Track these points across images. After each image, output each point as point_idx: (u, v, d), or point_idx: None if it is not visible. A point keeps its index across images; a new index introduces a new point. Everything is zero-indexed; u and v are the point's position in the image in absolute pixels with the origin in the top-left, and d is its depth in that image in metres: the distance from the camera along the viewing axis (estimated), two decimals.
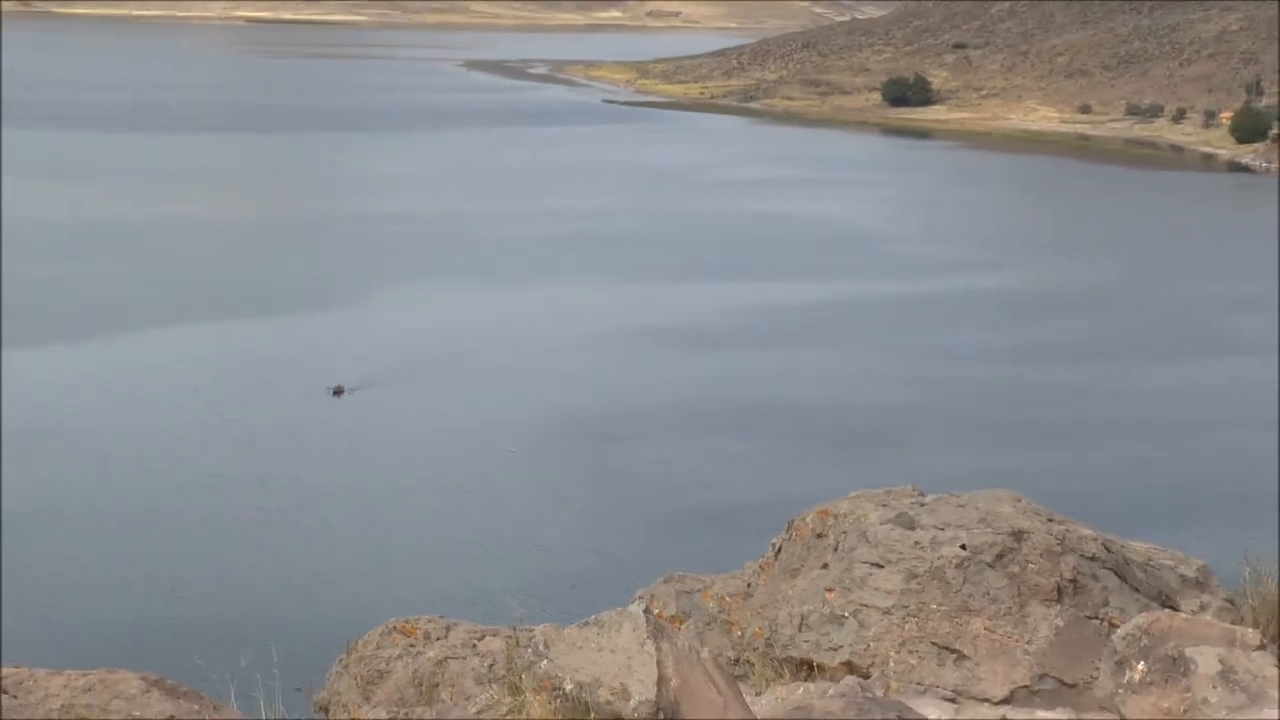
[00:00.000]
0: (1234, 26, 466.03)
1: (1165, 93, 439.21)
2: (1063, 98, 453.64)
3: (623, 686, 15.04)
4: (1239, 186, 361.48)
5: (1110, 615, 18.41)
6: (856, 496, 20.53)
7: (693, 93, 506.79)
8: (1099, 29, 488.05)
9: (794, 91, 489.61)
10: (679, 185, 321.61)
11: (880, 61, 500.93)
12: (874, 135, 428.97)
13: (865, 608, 18.97)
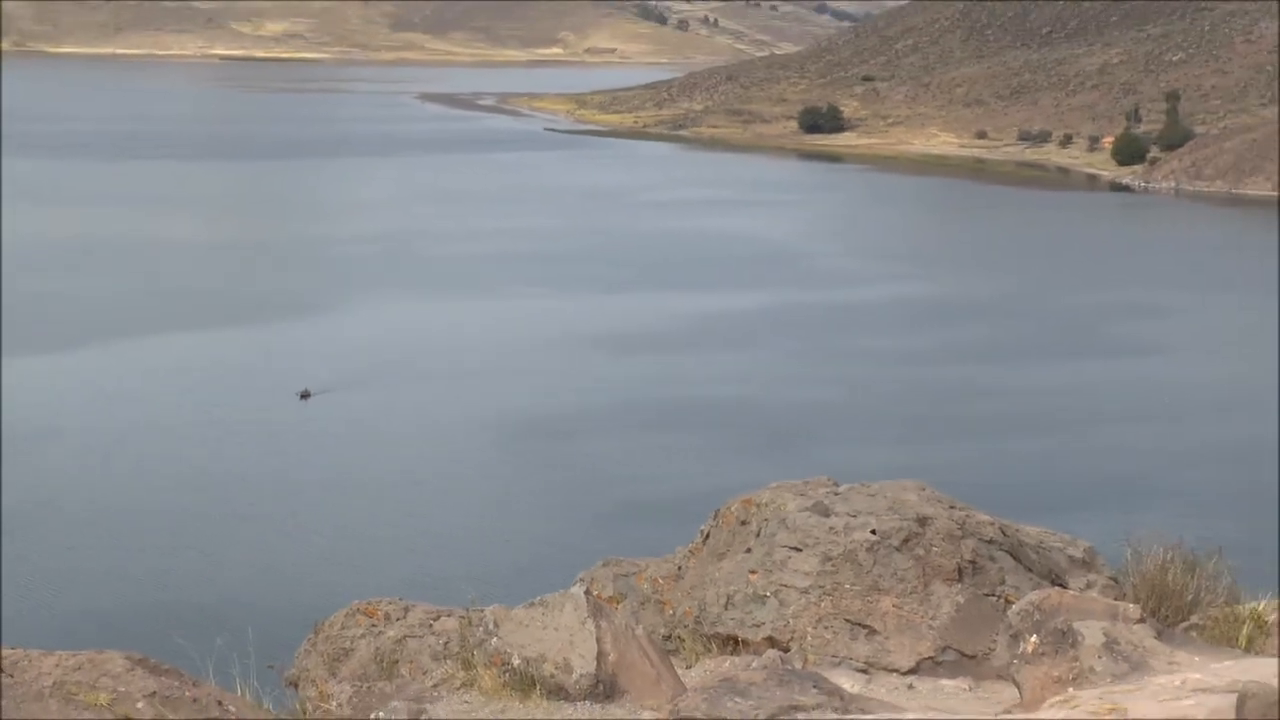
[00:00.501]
0: (1114, 60, 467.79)
1: (1053, 120, 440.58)
2: (961, 125, 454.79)
3: (565, 661, 15.06)
4: (1121, 205, 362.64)
5: (1006, 593, 18.46)
6: (777, 487, 20.54)
7: (627, 122, 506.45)
8: (993, 63, 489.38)
9: (719, 120, 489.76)
10: (615, 205, 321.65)
11: (796, 92, 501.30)
12: (791, 159, 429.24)
13: (785, 588, 18.98)
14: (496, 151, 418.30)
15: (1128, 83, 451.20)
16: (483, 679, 15.24)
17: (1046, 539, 20.42)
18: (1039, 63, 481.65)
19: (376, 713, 14.66)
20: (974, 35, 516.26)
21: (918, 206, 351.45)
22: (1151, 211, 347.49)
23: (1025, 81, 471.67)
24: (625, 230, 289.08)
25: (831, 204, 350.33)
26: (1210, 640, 17.21)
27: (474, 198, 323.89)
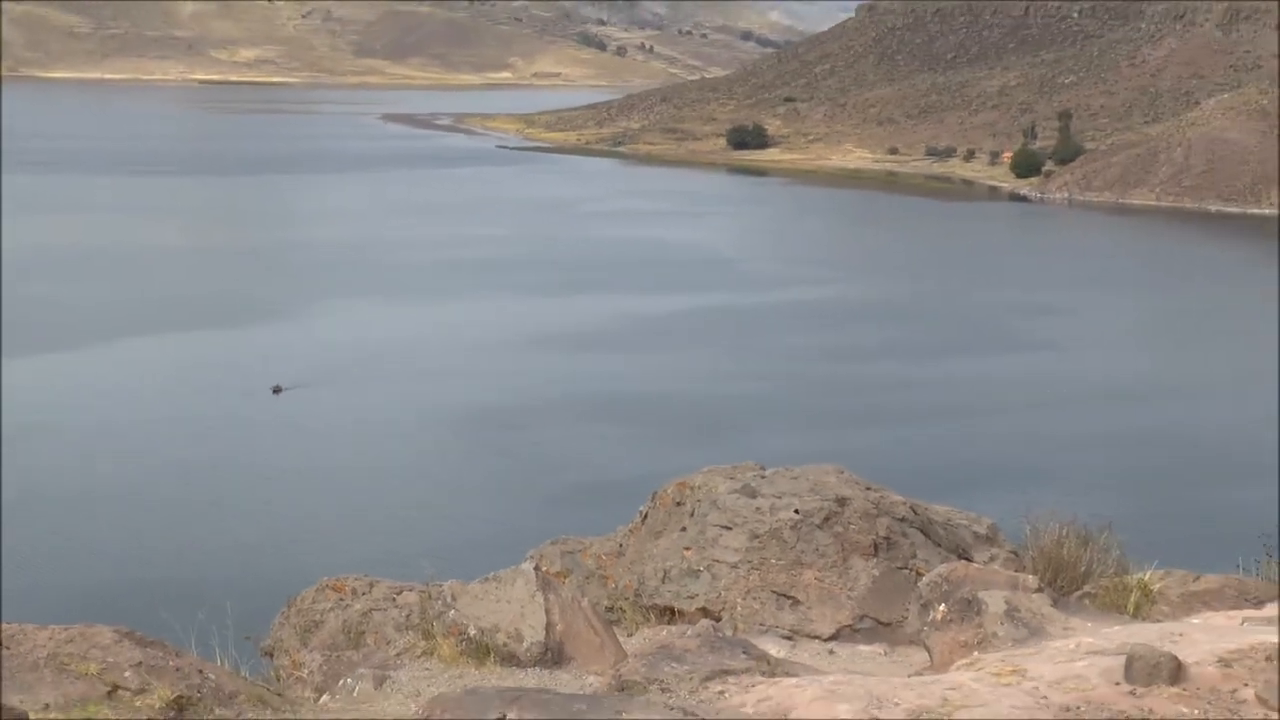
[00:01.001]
0: (1013, 83, 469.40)
1: (958, 137, 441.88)
2: (874, 141, 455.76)
3: (517, 631, 15.05)
4: (1019, 213, 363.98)
5: (917, 566, 18.52)
6: (708, 471, 20.58)
7: (571, 139, 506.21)
8: (903, 85, 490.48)
9: (654, 138, 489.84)
10: (561, 216, 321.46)
11: (725, 112, 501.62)
12: (721, 174, 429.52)
13: (716, 563, 19.01)
14: (453, 167, 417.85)
15: (1024, 103, 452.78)
16: (441, 648, 15.22)
17: (953, 517, 20.49)
18: (944, 85, 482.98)
19: (345, 679, 14.63)
20: (885, 60, 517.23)
21: (836, 216, 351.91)
22: (1046, 220, 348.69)
23: (932, 102, 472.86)
24: (570, 238, 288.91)
25: (757, 214, 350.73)
26: (1101, 607, 17.32)
27: (432, 209, 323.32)
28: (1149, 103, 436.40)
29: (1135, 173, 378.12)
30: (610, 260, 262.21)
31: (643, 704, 12.50)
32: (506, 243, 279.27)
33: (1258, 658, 13.16)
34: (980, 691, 12.69)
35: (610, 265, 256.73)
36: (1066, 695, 12.54)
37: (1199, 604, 17.66)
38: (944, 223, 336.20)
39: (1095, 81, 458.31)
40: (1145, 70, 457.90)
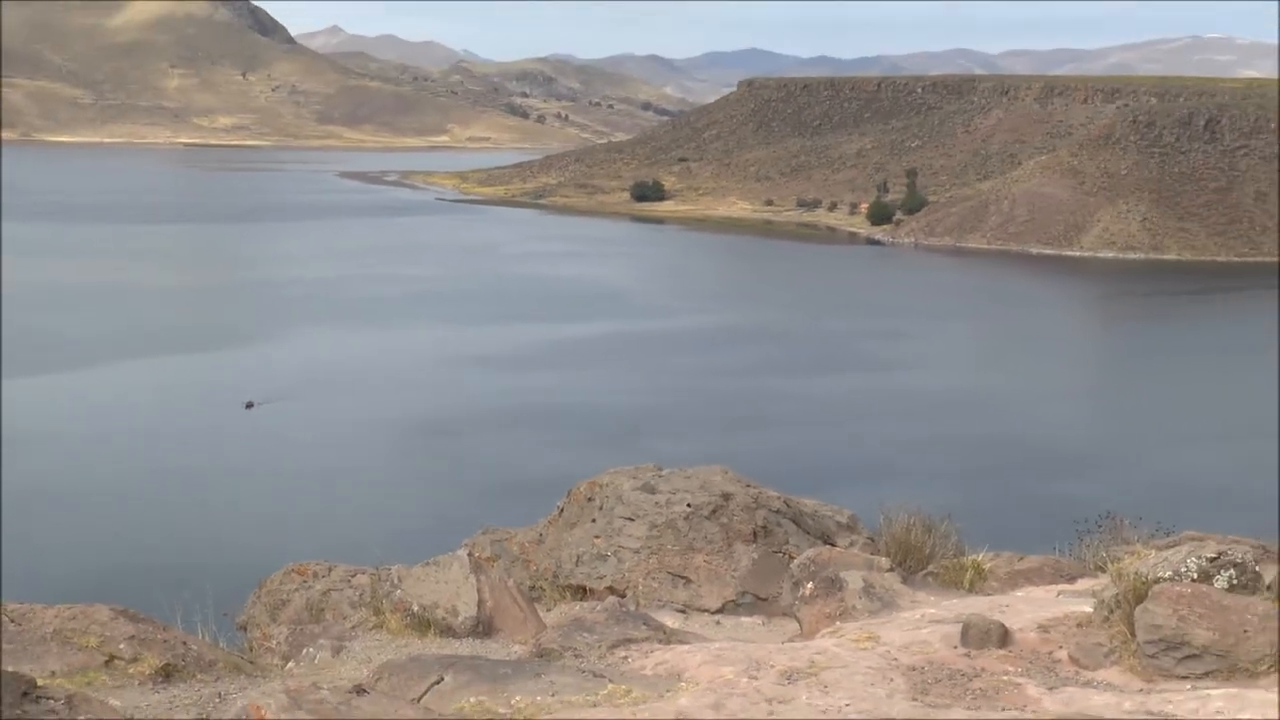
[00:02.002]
0: (868, 146, 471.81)
1: (823, 191, 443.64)
2: (754, 194, 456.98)
3: (453, 607, 15.01)
4: (873, 255, 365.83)
5: (789, 550, 18.56)
6: (615, 472, 20.58)
7: (499, 193, 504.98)
8: (777, 148, 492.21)
9: (569, 192, 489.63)
10: (490, 257, 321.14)
11: (629, 170, 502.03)
12: (625, 222, 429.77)
13: (622, 549, 19.00)
14: (399, 216, 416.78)
15: (878, 163, 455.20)
16: (389, 622, 15.18)
17: (820, 509, 20.54)
18: (812, 148, 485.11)
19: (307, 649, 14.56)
20: (762, 127, 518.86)
21: (721, 257, 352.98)
22: (896, 260, 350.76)
23: (801, 162, 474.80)
24: (497, 276, 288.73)
25: (656, 255, 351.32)
26: (942, 584, 17.38)
27: (382, 251, 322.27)
28: (980, 163, 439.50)
29: (970, 221, 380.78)
30: (531, 294, 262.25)
31: (559, 668, 12.49)
32: (444, 280, 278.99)
33: (1070, 624, 13.25)
34: (841, 655, 12.72)
35: (531, 298, 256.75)
36: (913, 657, 12.59)
37: (1023, 580, 17.75)
38: (811, 262, 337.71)
39: (936, 145, 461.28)
40: (977, 136, 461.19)
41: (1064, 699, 11.59)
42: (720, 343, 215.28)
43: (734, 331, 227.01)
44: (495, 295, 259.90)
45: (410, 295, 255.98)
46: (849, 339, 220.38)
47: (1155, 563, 13.22)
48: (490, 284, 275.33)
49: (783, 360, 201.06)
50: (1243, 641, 11.81)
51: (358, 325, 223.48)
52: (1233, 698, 11.15)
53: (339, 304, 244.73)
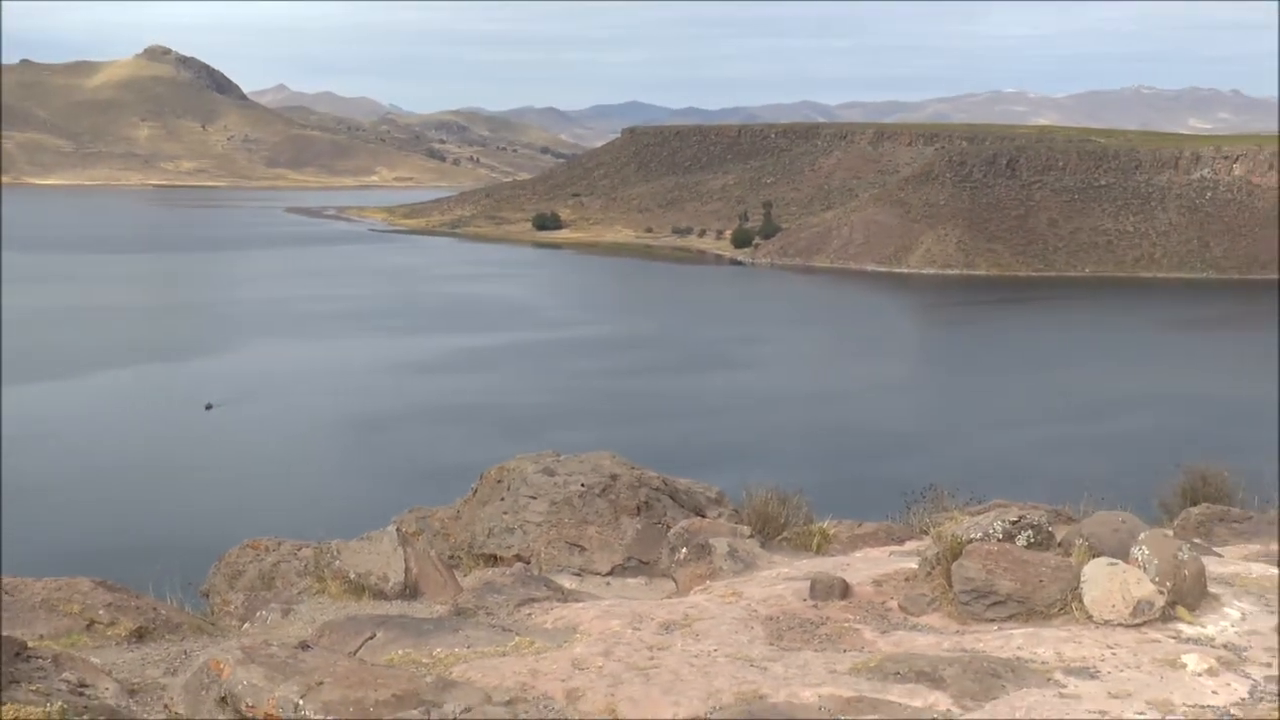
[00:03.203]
0: (731, 182, 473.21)
1: (694, 220, 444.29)
2: (636, 223, 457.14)
3: (385, 574, 14.92)
4: (737, 274, 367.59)
5: (667, 521, 18.57)
6: (520, 458, 20.53)
7: (422, 224, 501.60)
8: (655, 184, 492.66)
9: (481, 223, 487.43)
10: (415, 278, 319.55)
11: (531, 203, 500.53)
12: (528, 248, 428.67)
13: (526, 523, 18.95)
14: (337, 245, 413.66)
15: (739, 196, 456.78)
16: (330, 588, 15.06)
17: (693, 487, 20.58)
18: (684, 184, 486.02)
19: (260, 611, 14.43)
20: (642, 167, 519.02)
21: (610, 276, 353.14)
22: (755, 278, 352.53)
23: (676, 196, 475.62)
24: (421, 293, 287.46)
25: (555, 275, 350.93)
26: (795, 547, 17.48)
27: (322, 274, 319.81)
28: (824, 196, 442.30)
29: (816, 244, 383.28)
30: (450, 309, 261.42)
31: (473, 624, 12.47)
32: (376, 298, 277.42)
33: (900, 579, 13.36)
34: (710, 608, 12.76)
35: (450, 313, 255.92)
36: (770, 609, 12.65)
37: (861, 543, 17.89)
38: (684, 280, 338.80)
39: (787, 181, 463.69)
40: (821, 174, 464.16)
41: (894, 640, 11.71)
42: (609, 348, 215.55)
43: (620, 339, 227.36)
44: (419, 311, 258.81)
45: (347, 311, 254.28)
46: (716, 344, 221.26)
47: (968, 526, 13.37)
48: (415, 301, 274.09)
49: (662, 362, 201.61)
50: (1039, 589, 11.99)
51: (303, 337, 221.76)
52: (1030, 635, 11.32)
53: (287, 319, 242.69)
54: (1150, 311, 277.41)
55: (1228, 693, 10.10)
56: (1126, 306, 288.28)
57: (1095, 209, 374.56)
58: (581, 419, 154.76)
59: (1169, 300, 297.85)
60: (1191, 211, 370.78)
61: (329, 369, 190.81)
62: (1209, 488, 21.36)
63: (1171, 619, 11.72)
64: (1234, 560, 14.93)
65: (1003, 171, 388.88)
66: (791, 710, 9.80)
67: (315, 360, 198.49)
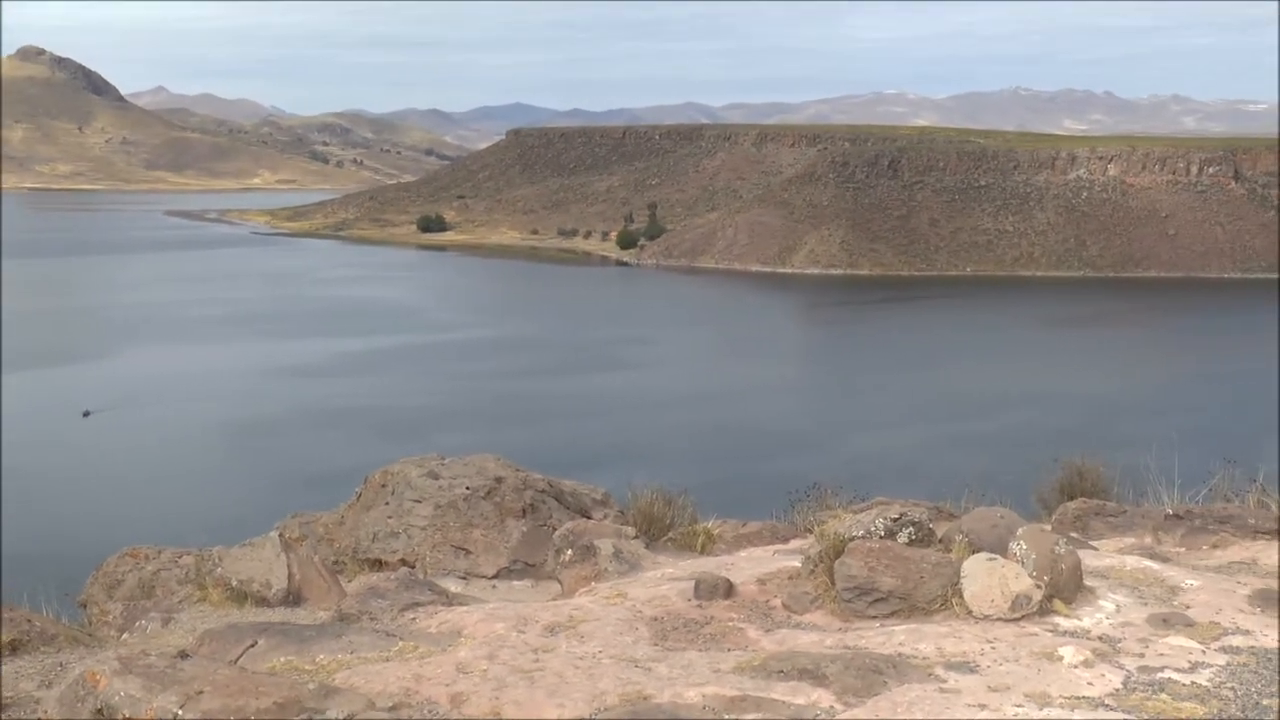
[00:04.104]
0: (616, 184, 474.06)
1: (580, 221, 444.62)
2: (521, 225, 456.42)
3: (267, 581, 14.81)
4: (622, 275, 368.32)
5: (553, 523, 18.55)
6: (404, 461, 20.40)
7: (305, 227, 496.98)
8: (540, 186, 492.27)
9: (365, 225, 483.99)
10: (298, 282, 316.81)
11: (415, 206, 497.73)
12: (413, 250, 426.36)
13: (411, 526, 18.85)
14: (219, 248, 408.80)
15: (624, 198, 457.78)
16: (212, 596, 14.92)
17: (578, 488, 20.57)
18: (570, 185, 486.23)
19: (139, 621, 14.24)
20: (527, 169, 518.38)
21: (495, 278, 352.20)
22: (641, 279, 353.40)
23: (561, 197, 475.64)
24: (304, 297, 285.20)
25: (439, 278, 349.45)
26: (679, 548, 17.53)
27: (204, 278, 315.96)
28: (709, 197, 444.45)
29: (701, 245, 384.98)
30: (334, 312, 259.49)
31: (357, 629, 12.39)
32: (259, 301, 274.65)
33: (783, 577, 13.45)
34: (595, 610, 12.77)
35: (334, 316, 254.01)
36: (655, 609, 12.68)
37: (745, 542, 17.97)
38: (570, 282, 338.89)
39: (672, 183, 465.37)
40: (705, 175, 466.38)
41: (778, 639, 11.79)
42: (494, 350, 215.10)
43: (505, 341, 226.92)
44: (303, 314, 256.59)
45: (230, 316, 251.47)
46: (602, 345, 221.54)
47: (851, 524, 13.49)
48: (298, 304, 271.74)
49: (547, 364, 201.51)
50: (920, 586, 12.13)
51: (185, 342, 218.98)
52: (912, 632, 11.45)
53: (168, 324, 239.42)
54: (1029, 309, 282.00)
55: (1102, 683, 10.29)
56: (1006, 305, 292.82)
57: (975, 209, 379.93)
58: (466, 421, 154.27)
59: (1047, 298, 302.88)
60: (1068, 211, 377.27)
61: (211, 374, 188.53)
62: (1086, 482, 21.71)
63: (1049, 612, 11.91)
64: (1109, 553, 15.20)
65: (885, 172, 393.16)
66: (676, 710, 9.84)
67: (197, 365, 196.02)
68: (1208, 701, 9.93)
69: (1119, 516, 18.76)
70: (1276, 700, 9.98)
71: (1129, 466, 22.65)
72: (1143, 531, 17.64)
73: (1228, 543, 16.25)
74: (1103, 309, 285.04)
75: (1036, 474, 23.34)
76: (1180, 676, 10.48)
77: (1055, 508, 19.90)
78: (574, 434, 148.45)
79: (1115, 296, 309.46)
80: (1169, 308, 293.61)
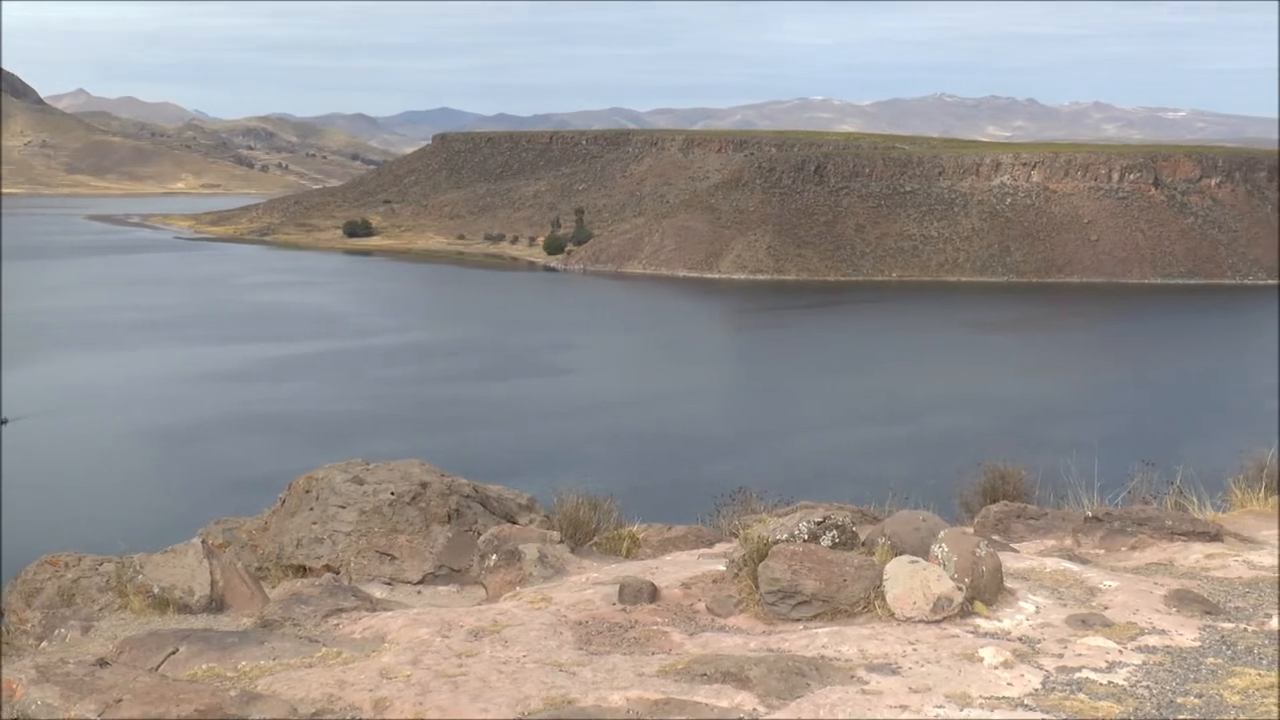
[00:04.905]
0: (543, 189, 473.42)
1: (506, 226, 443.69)
2: (448, 230, 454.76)
3: (190, 588, 14.70)
4: (549, 280, 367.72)
5: (478, 528, 18.53)
6: (329, 467, 20.31)
7: (229, 231, 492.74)
8: (467, 191, 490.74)
9: (290, 230, 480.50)
10: (223, 287, 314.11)
11: (341, 211, 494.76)
12: (339, 255, 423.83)
13: (336, 532, 18.77)
14: (141, 253, 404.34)
15: (551, 203, 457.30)
16: (133, 603, 14.79)
17: (504, 493, 20.55)
18: (496, 190, 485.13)
19: (59, 629, 14.09)
20: (454, 174, 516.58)
21: (420, 283, 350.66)
22: (568, 284, 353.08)
23: (488, 202, 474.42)
24: (229, 302, 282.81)
25: (364, 282, 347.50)
26: (604, 552, 17.58)
27: (127, 284, 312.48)
28: (636, 202, 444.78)
29: (628, 250, 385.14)
30: (259, 318, 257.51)
31: (280, 635, 12.33)
32: (183, 307, 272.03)
33: (708, 581, 13.51)
34: (520, 614, 12.78)
35: (259, 321, 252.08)
36: (579, 614, 12.71)
37: (671, 546, 18.03)
38: (497, 287, 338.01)
39: (599, 188, 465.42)
40: (633, 180, 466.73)
41: (701, 642, 11.84)
42: (420, 355, 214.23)
43: (432, 346, 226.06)
44: (228, 319, 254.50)
45: (153, 321, 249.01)
46: (529, 350, 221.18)
47: (774, 527, 13.58)
48: (223, 310, 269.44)
49: (473, 369, 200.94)
50: (842, 589, 12.23)
51: (106, 348, 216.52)
52: (835, 634, 11.54)
53: (89, 330, 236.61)
54: (954, 314, 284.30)
55: (1022, 684, 10.43)
56: (932, 310, 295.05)
57: (901, 214, 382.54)
58: (392, 427, 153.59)
59: (972, 303, 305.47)
60: (992, 217, 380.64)
61: (133, 380, 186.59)
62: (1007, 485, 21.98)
63: (970, 614, 12.05)
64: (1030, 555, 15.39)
65: (811, 178, 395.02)
66: (600, 714, 9.87)
67: (120, 371, 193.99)
68: (1124, 700, 10.09)
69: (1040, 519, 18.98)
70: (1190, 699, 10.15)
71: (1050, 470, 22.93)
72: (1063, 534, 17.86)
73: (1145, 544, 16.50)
74: (1026, 314, 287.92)
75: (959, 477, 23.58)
76: (1097, 676, 10.64)
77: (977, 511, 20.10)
78: (500, 439, 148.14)
79: (1038, 302, 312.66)
80: (1091, 313, 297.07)
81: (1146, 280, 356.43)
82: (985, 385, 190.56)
